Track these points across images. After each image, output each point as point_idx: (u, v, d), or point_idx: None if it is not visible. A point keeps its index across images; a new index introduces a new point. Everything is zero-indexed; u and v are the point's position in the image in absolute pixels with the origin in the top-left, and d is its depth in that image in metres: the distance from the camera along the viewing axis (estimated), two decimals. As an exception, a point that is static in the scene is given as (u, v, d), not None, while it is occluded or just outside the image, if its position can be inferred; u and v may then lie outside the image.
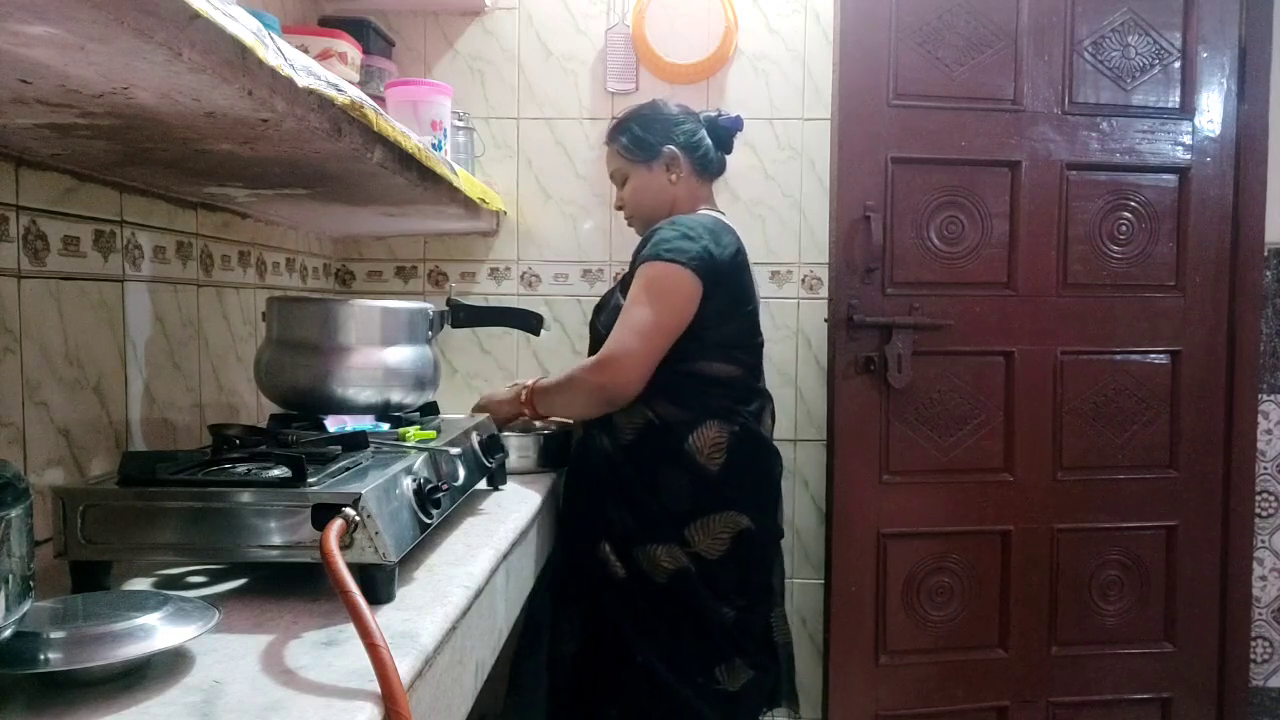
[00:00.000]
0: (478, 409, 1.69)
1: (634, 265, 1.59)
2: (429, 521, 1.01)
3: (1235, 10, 2.02)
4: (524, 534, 1.34)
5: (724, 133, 1.73)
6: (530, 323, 1.68)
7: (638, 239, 1.76)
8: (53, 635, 0.68)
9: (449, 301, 1.54)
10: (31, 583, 0.66)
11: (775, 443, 1.70)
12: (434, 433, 1.27)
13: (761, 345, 1.68)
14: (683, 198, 1.69)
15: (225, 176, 1.26)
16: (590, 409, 1.58)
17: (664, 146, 1.67)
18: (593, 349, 1.66)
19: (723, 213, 1.72)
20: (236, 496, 0.89)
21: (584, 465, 1.64)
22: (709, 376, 1.58)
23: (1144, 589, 2.06)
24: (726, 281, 1.57)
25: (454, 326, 1.54)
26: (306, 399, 1.30)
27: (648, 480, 1.56)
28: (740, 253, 1.62)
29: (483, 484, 1.46)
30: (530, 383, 1.62)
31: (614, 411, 1.57)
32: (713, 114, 1.73)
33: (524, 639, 1.71)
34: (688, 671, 1.55)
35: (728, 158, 1.78)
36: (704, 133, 1.71)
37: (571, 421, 1.74)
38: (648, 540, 1.55)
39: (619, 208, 1.77)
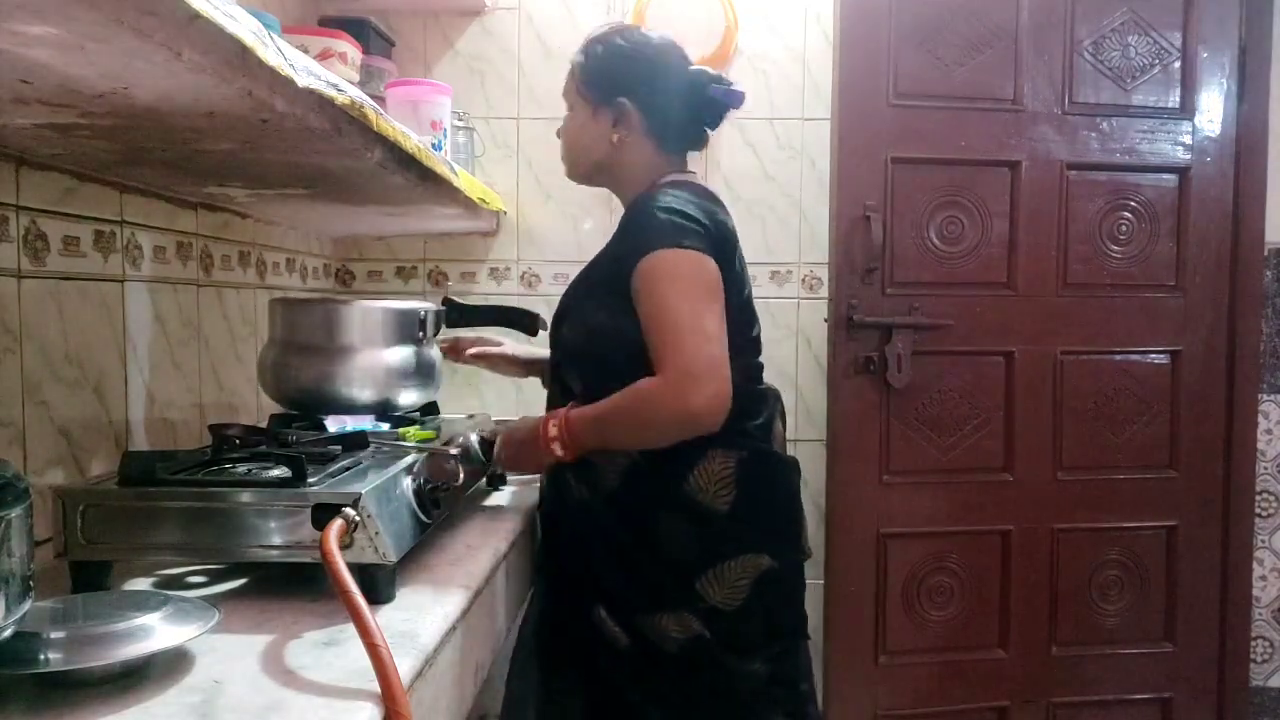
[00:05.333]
0: (503, 461, 1.33)
1: (621, 256, 1.26)
2: (429, 521, 1.02)
3: (1235, 10, 2.02)
4: (524, 534, 1.34)
5: (713, 106, 1.37)
6: (525, 322, 1.66)
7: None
8: (53, 635, 0.68)
9: (445, 300, 1.53)
10: (31, 583, 0.66)
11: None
12: (434, 433, 1.27)
13: (759, 338, 1.39)
14: (629, 164, 1.36)
15: (225, 176, 1.26)
16: (666, 438, 1.21)
17: (617, 97, 1.33)
18: (555, 368, 1.39)
19: (693, 173, 1.41)
20: (236, 496, 0.89)
21: (559, 516, 1.34)
22: None
23: (1144, 589, 2.06)
24: (723, 267, 1.26)
25: (448, 326, 1.52)
26: (310, 399, 1.30)
27: (640, 534, 1.26)
28: (732, 232, 1.33)
29: (483, 484, 1.46)
30: (561, 414, 1.24)
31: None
32: (714, 76, 1.38)
33: (508, 714, 1.41)
34: None
35: (716, 138, 1.47)
36: (683, 94, 1.36)
37: None
38: (651, 609, 1.26)
39: (559, 134, 1.46)
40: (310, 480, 0.91)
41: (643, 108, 1.34)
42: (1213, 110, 2.03)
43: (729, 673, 1.27)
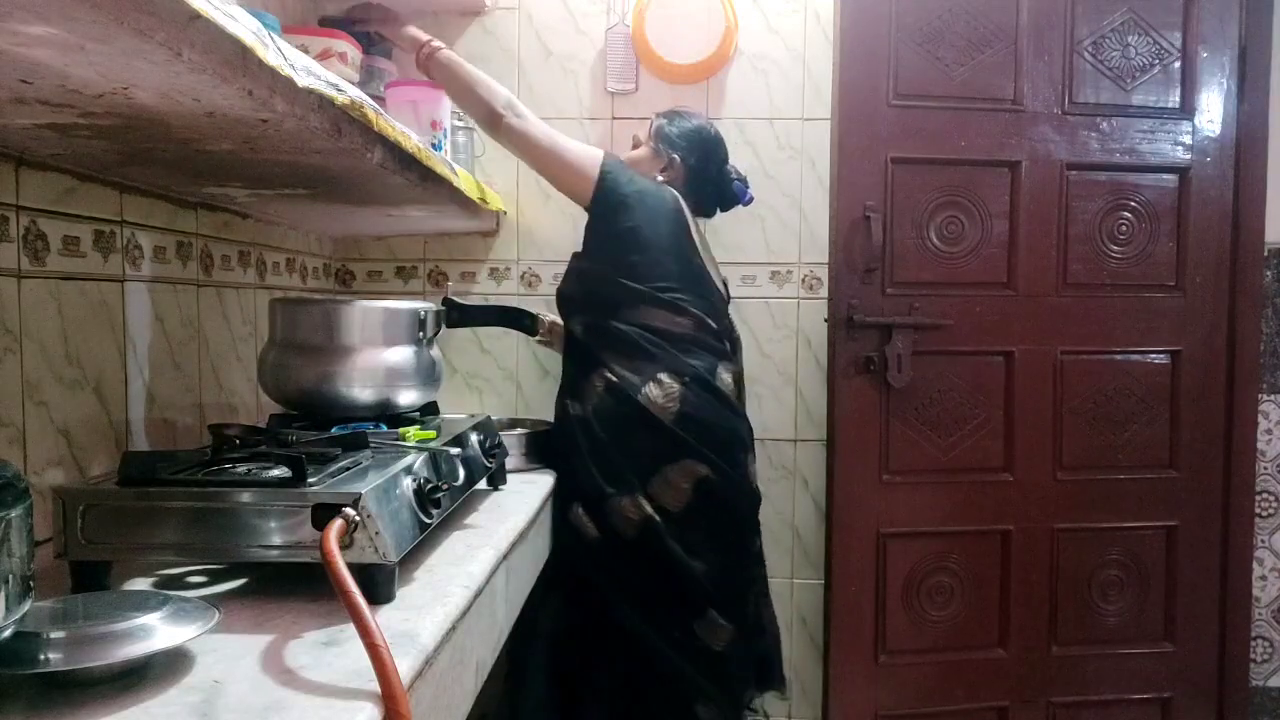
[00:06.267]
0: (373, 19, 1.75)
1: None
2: (429, 521, 1.02)
3: (1235, 10, 2.02)
4: (524, 534, 1.35)
5: (730, 194, 1.87)
6: (523, 322, 1.68)
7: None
8: (53, 635, 0.68)
9: (444, 300, 1.54)
10: (31, 583, 0.66)
11: (772, 440, 1.73)
12: (434, 433, 1.27)
13: (713, 304, 1.75)
14: None
15: (225, 176, 1.26)
16: (469, 113, 1.72)
17: (673, 153, 1.79)
18: (563, 316, 1.77)
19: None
20: (236, 496, 0.89)
21: (562, 441, 1.70)
22: (654, 329, 1.65)
23: (1144, 589, 2.06)
24: (636, 217, 1.67)
25: (448, 326, 1.53)
26: (310, 399, 1.30)
27: (615, 438, 1.62)
28: (667, 208, 1.71)
29: (483, 484, 1.46)
30: (431, 47, 1.65)
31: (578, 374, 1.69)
32: (736, 172, 1.88)
33: (519, 625, 1.71)
34: (666, 627, 1.59)
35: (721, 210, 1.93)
36: (714, 175, 1.84)
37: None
38: (613, 494, 1.60)
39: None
40: (310, 480, 0.91)
41: (685, 167, 1.81)
42: (1213, 110, 2.03)
43: (674, 562, 1.58)
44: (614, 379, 1.63)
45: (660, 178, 1.78)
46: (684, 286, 1.69)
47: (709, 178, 1.84)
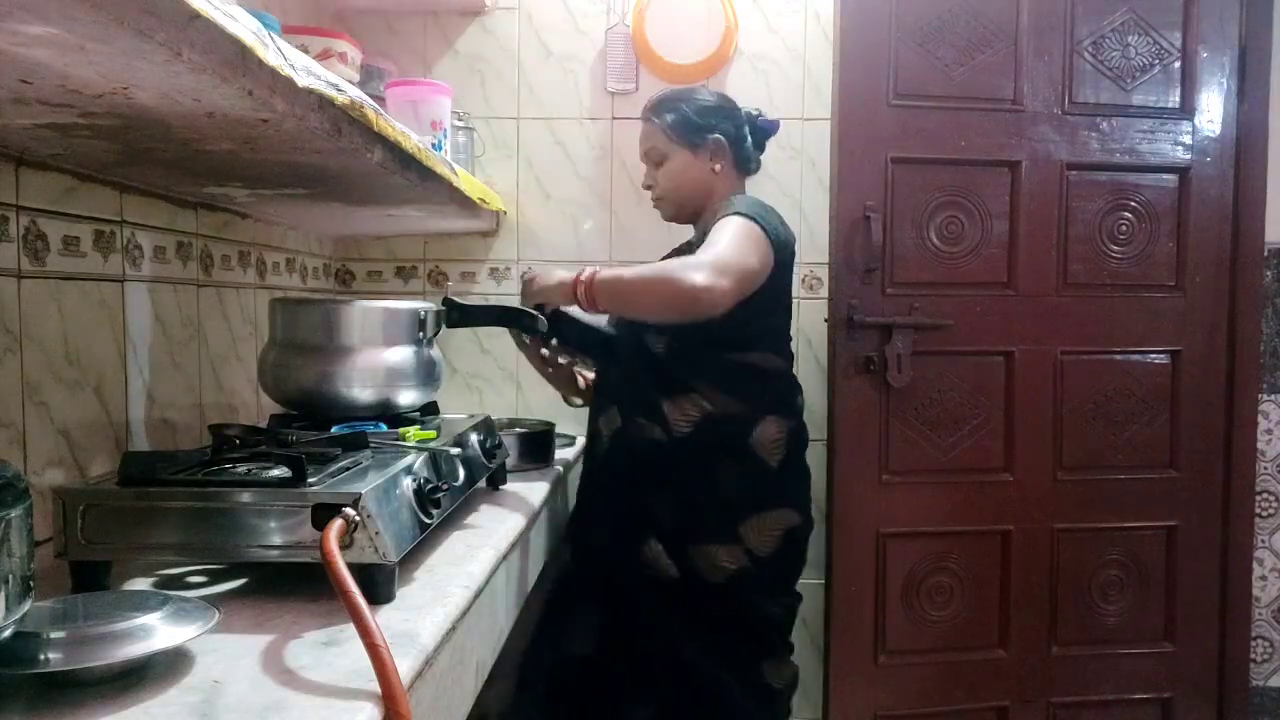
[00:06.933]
0: (526, 294, 1.55)
1: (707, 230, 1.54)
2: (429, 521, 1.01)
3: (1235, 10, 2.02)
4: (524, 534, 1.34)
5: (760, 134, 1.74)
6: (524, 322, 1.66)
7: (640, 234, 1.78)
8: (53, 635, 0.68)
9: (445, 300, 1.53)
10: (31, 583, 0.66)
11: None
12: (434, 433, 1.27)
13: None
14: (720, 189, 1.66)
15: (225, 176, 1.26)
16: (668, 311, 1.43)
17: (711, 135, 1.65)
18: (632, 337, 1.62)
19: None
20: (236, 496, 0.89)
21: (623, 459, 1.59)
22: (764, 369, 1.58)
23: (1144, 589, 2.06)
24: (783, 269, 1.56)
25: (448, 326, 1.52)
26: (310, 399, 1.30)
27: (705, 473, 1.52)
28: (792, 240, 1.61)
29: (483, 484, 1.46)
30: (589, 273, 1.45)
31: (667, 399, 1.53)
32: (754, 112, 1.74)
33: (538, 637, 1.65)
34: (737, 668, 1.55)
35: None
36: (747, 129, 1.71)
37: (580, 402, 1.75)
38: (705, 539, 1.52)
39: (647, 187, 1.73)
40: (310, 480, 0.90)
41: (729, 140, 1.66)
42: (1213, 110, 2.03)
43: (754, 609, 1.53)
44: (711, 409, 1.52)
45: (717, 167, 1.65)
46: (788, 328, 1.66)
47: (744, 133, 1.72)
